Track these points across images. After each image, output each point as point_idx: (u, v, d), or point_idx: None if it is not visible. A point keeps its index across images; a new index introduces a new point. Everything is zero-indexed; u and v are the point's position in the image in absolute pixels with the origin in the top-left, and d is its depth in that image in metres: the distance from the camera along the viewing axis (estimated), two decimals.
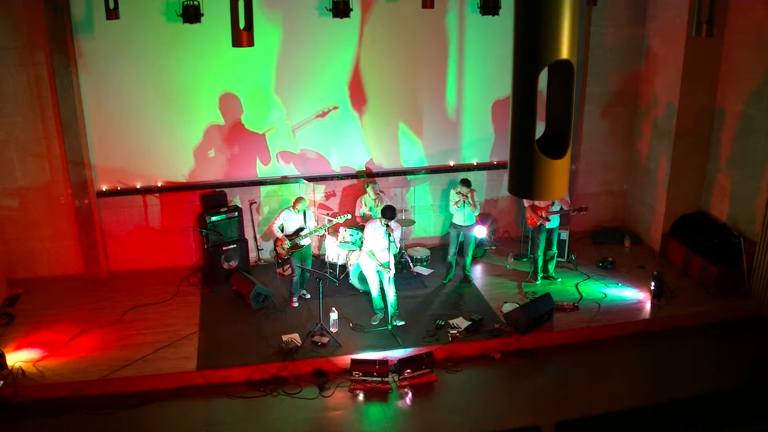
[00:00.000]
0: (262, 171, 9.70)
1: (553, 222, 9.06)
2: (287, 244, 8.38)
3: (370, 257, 8.04)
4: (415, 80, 9.74)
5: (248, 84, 9.30)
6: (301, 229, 8.41)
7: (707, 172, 9.76)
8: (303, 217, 8.41)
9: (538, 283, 9.25)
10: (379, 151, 9.96)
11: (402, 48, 9.56)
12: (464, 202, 8.85)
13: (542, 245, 9.14)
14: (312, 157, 9.80)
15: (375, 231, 7.95)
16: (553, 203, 8.86)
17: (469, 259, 9.29)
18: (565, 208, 8.98)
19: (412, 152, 10.07)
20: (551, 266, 9.37)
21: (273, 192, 9.84)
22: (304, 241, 8.47)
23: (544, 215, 8.96)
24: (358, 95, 9.62)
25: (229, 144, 9.49)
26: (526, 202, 9.19)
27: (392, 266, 8.01)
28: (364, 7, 9.19)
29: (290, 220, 8.41)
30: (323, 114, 9.54)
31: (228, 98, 9.29)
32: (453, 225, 9.16)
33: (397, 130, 9.93)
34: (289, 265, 9.06)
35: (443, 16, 9.43)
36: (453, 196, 8.99)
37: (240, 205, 9.66)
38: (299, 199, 8.42)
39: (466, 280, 9.33)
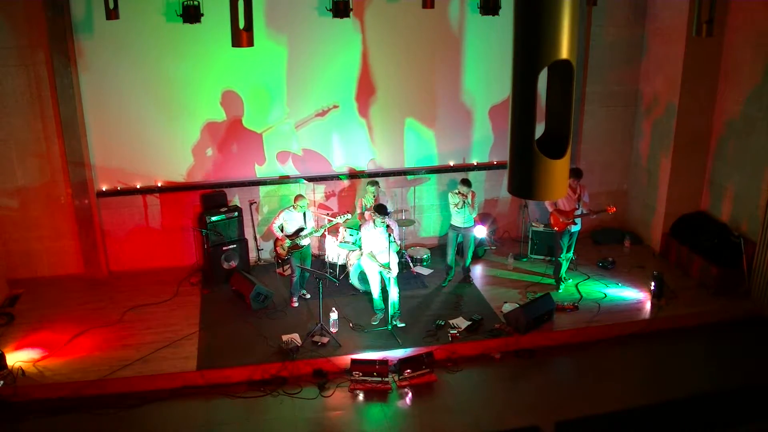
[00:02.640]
0: (261, 171, 9.70)
1: (577, 225, 8.89)
2: (287, 243, 8.38)
3: (371, 259, 8.03)
4: (414, 81, 9.74)
5: (248, 84, 9.30)
6: (301, 229, 8.41)
7: (707, 172, 9.76)
8: (303, 217, 8.41)
9: (560, 291, 9.01)
10: (379, 151, 9.96)
11: (401, 49, 9.55)
12: (464, 203, 8.80)
13: (564, 248, 8.97)
14: (312, 157, 9.80)
15: (370, 232, 7.94)
16: (577, 207, 8.73)
17: (468, 260, 9.27)
18: (585, 211, 8.77)
19: (412, 152, 10.07)
20: (563, 268, 9.24)
21: (272, 192, 9.84)
22: (304, 241, 8.47)
23: (570, 218, 8.75)
24: (358, 95, 9.61)
25: (229, 144, 9.49)
26: (549, 207, 8.95)
27: (394, 266, 8.00)
28: (365, 7, 9.19)
29: (290, 220, 8.41)
30: (323, 113, 9.54)
31: (228, 98, 9.29)
32: (452, 227, 9.12)
33: (397, 130, 9.92)
34: (288, 265, 9.05)
35: (443, 16, 9.42)
36: (452, 198, 8.90)
37: (240, 205, 9.66)
38: (299, 197, 8.41)
39: (467, 280, 9.31)
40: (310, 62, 9.33)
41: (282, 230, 8.42)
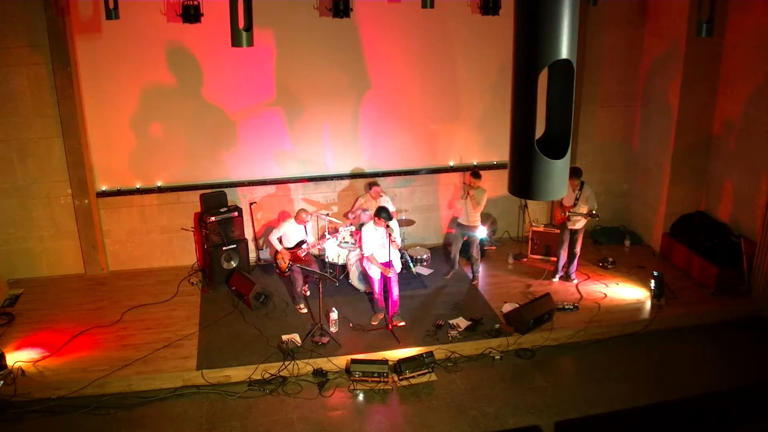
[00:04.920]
0: (261, 171, 9.69)
1: (578, 224, 8.90)
2: (284, 251, 8.34)
3: (371, 259, 8.01)
4: (414, 81, 9.74)
5: (248, 84, 9.29)
6: (302, 242, 8.37)
7: (707, 172, 9.76)
8: (304, 230, 8.37)
9: (555, 281, 9.11)
10: (379, 151, 9.96)
11: (401, 48, 9.55)
12: (466, 195, 8.74)
13: (564, 244, 9.00)
14: (311, 157, 9.79)
15: (371, 232, 7.92)
16: (575, 204, 8.73)
17: (477, 266, 9.21)
18: (580, 211, 8.76)
19: (412, 152, 10.07)
20: (571, 268, 9.23)
21: (272, 192, 9.84)
22: (305, 255, 8.40)
23: (566, 213, 8.83)
24: (359, 95, 9.62)
25: (230, 144, 9.49)
26: None
27: (395, 265, 7.99)
28: (365, 7, 9.18)
29: (291, 233, 8.36)
30: (322, 111, 9.54)
31: (228, 98, 9.29)
32: (457, 224, 9.12)
33: (398, 130, 9.92)
34: None
35: (443, 16, 9.42)
36: (463, 189, 8.95)
37: (240, 205, 9.66)
38: (302, 211, 8.33)
39: (473, 280, 9.29)
40: (310, 62, 9.33)
41: (281, 242, 8.36)
